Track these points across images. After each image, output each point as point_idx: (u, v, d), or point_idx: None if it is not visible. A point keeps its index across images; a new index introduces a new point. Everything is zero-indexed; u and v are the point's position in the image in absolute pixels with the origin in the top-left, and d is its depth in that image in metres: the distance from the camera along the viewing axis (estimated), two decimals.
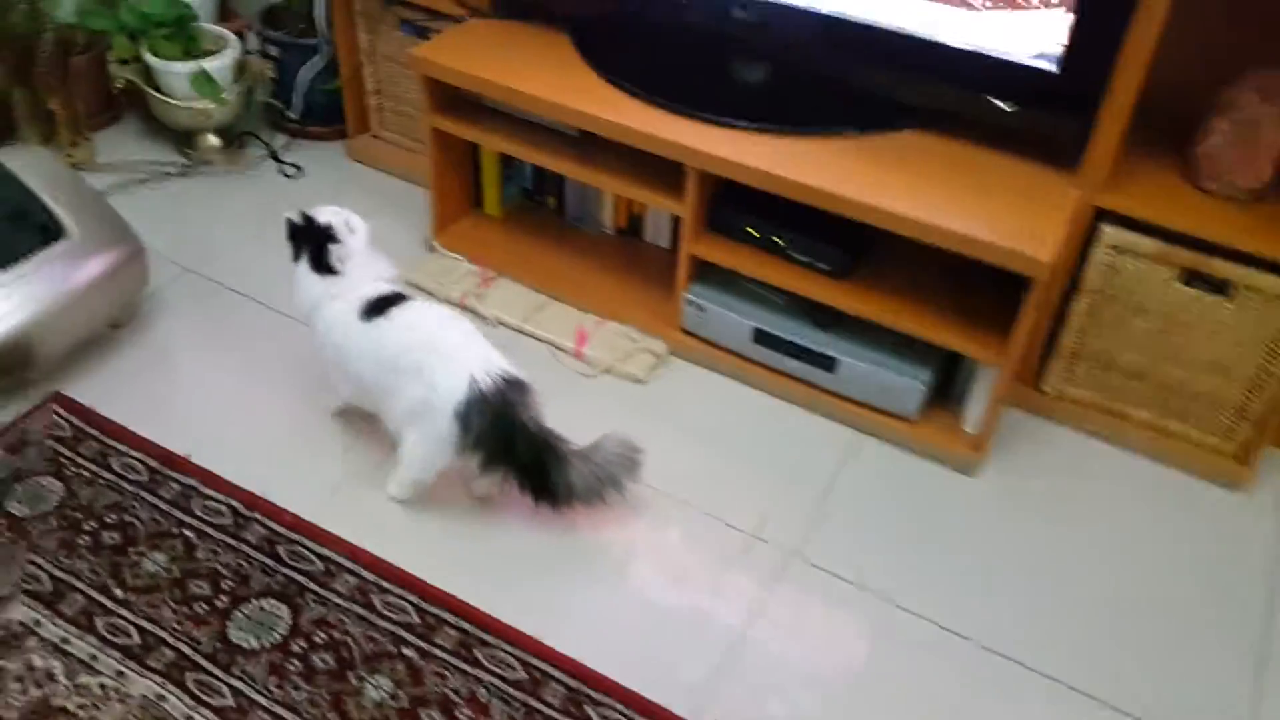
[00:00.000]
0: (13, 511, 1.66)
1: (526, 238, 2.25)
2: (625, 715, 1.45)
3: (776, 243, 1.89)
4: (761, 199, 1.84)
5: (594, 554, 1.68)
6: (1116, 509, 1.82)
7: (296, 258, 1.72)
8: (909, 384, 1.84)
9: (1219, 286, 1.73)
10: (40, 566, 1.59)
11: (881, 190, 1.72)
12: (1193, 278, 1.75)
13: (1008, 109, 1.73)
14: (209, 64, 2.25)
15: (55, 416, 1.82)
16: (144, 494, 1.71)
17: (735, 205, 1.91)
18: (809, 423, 1.93)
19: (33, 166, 1.88)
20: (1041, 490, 1.84)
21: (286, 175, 2.40)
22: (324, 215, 1.70)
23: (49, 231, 1.82)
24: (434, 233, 2.22)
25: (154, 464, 1.75)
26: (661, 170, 1.90)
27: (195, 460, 1.76)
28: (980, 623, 1.61)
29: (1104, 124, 1.65)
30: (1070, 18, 1.63)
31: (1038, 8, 1.66)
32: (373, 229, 1.73)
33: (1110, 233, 1.76)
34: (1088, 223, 1.75)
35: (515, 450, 1.58)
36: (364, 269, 1.70)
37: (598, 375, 1.98)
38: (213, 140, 2.40)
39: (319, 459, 1.79)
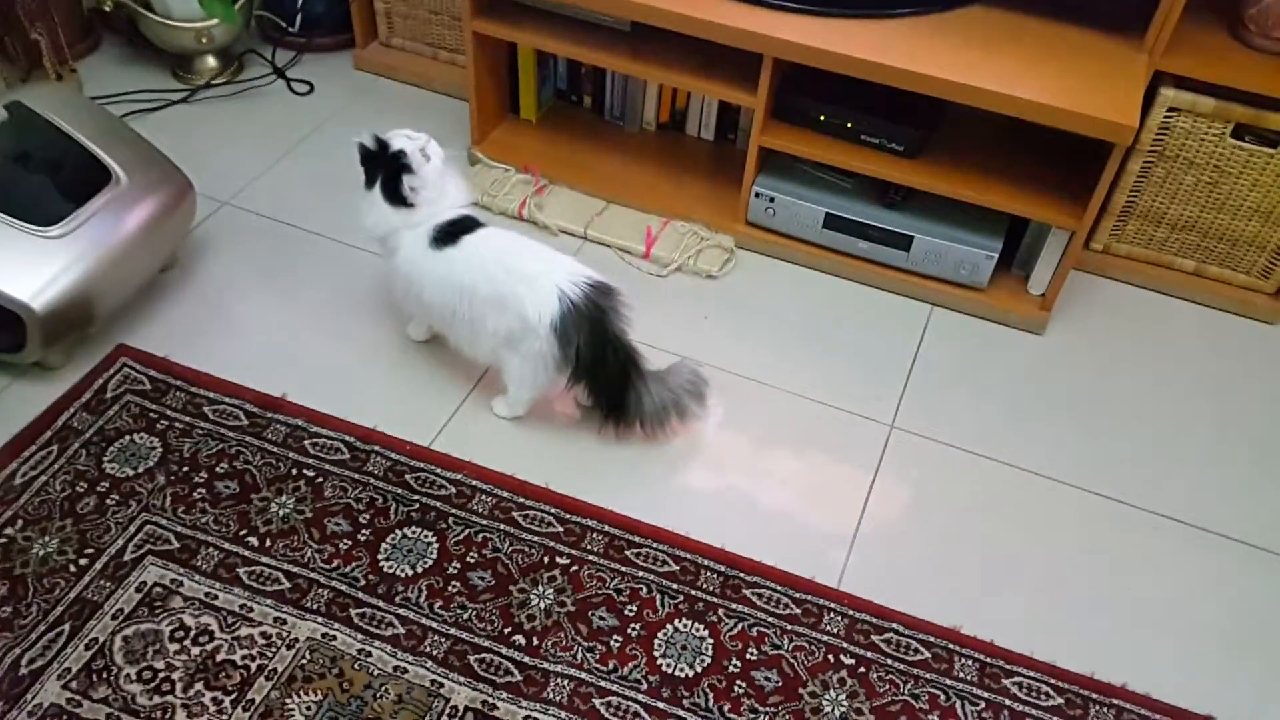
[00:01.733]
0: (112, 473, 1.57)
1: (568, 140, 2.17)
2: (779, 591, 1.49)
3: (847, 127, 1.88)
4: (827, 84, 1.81)
5: (706, 448, 1.69)
6: (1172, 350, 1.91)
7: (370, 185, 1.62)
8: (980, 255, 1.87)
9: (1269, 139, 1.80)
10: (161, 526, 1.52)
11: (960, 66, 1.71)
12: (1242, 131, 1.81)
13: None
14: None
15: (129, 370, 1.71)
16: (250, 439, 1.63)
17: (803, 93, 1.88)
18: (884, 301, 1.95)
19: (61, 107, 1.72)
20: (1104, 340, 1.91)
21: (296, 93, 2.25)
22: (398, 141, 1.59)
23: (95, 177, 1.67)
24: (475, 142, 2.13)
25: (252, 408, 1.67)
26: (725, 60, 1.85)
27: (293, 400, 1.69)
28: (1060, 463, 1.69)
29: None
30: None
31: None
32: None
33: (1169, 95, 1.79)
34: (1146, 85, 1.78)
35: (605, 360, 1.56)
36: (440, 198, 1.62)
37: (669, 274, 1.96)
38: (211, 62, 2.23)
39: (418, 385, 1.73)
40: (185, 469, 1.58)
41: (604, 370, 1.57)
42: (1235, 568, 1.58)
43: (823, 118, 1.89)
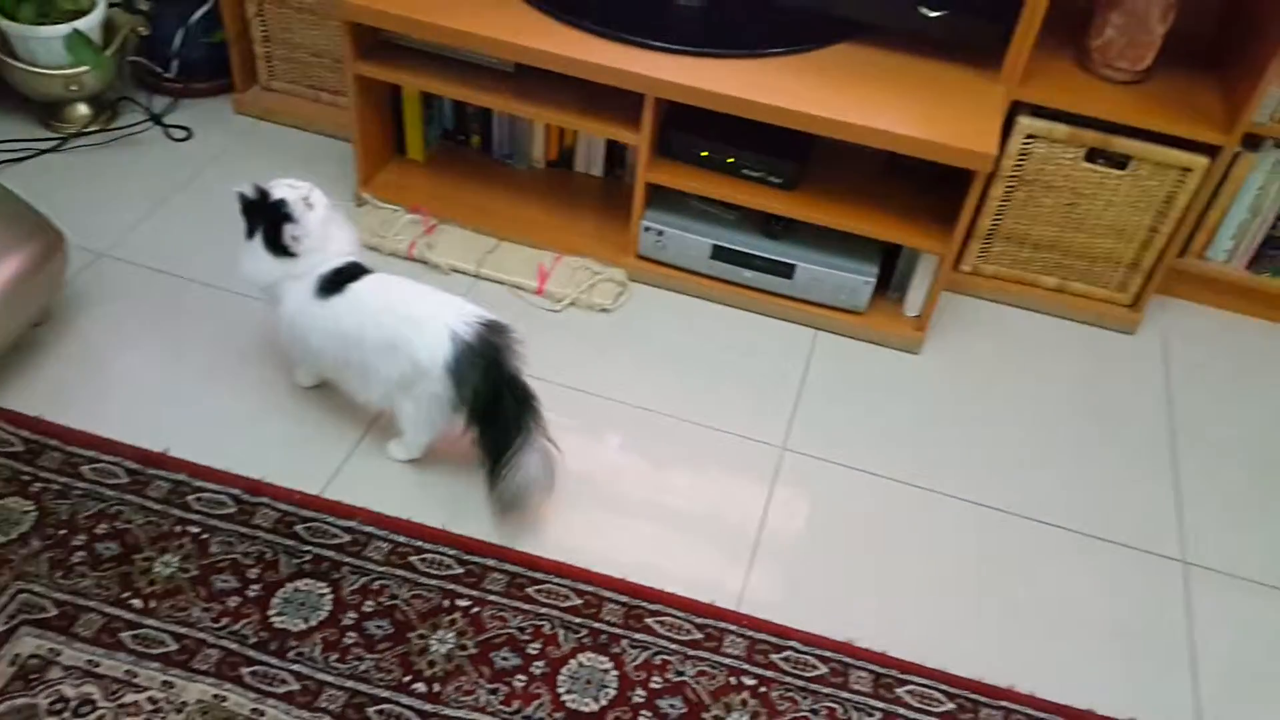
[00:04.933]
0: None
1: (456, 179, 2.13)
2: (680, 618, 1.46)
3: (728, 162, 1.88)
4: (708, 122, 1.82)
5: (604, 479, 1.66)
6: (1041, 364, 1.96)
7: (251, 234, 1.55)
8: (858, 280, 1.90)
9: (1118, 161, 1.87)
10: (37, 594, 1.41)
11: (830, 102, 1.74)
12: (1094, 155, 1.88)
13: (933, 15, 1.77)
14: (82, 24, 1.96)
15: (0, 432, 1.60)
16: (130, 497, 1.53)
17: (684, 130, 1.88)
18: (772, 327, 1.95)
19: None
20: (977, 358, 1.95)
21: (174, 139, 2.15)
22: (279, 190, 1.53)
23: None
24: (361, 184, 2.07)
25: (132, 465, 1.57)
26: (609, 99, 1.84)
27: (175, 454, 1.60)
28: (944, 476, 1.72)
29: (1022, 26, 1.73)
30: None
31: None
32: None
33: (1026, 123, 1.85)
34: (1004, 115, 1.84)
35: (503, 397, 1.50)
36: (324, 246, 1.55)
37: (563, 310, 1.93)
38: (83, 110, 2.12)
39: (308, 433, 1.66)
40: (62, 532, 1.48)
41: (501, 409, 1.53)
42: (1112, 567, 1.62)
43: (705, 154, 1.89)
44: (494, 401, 1.50)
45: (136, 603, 1.41)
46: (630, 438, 1.72)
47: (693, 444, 1.73)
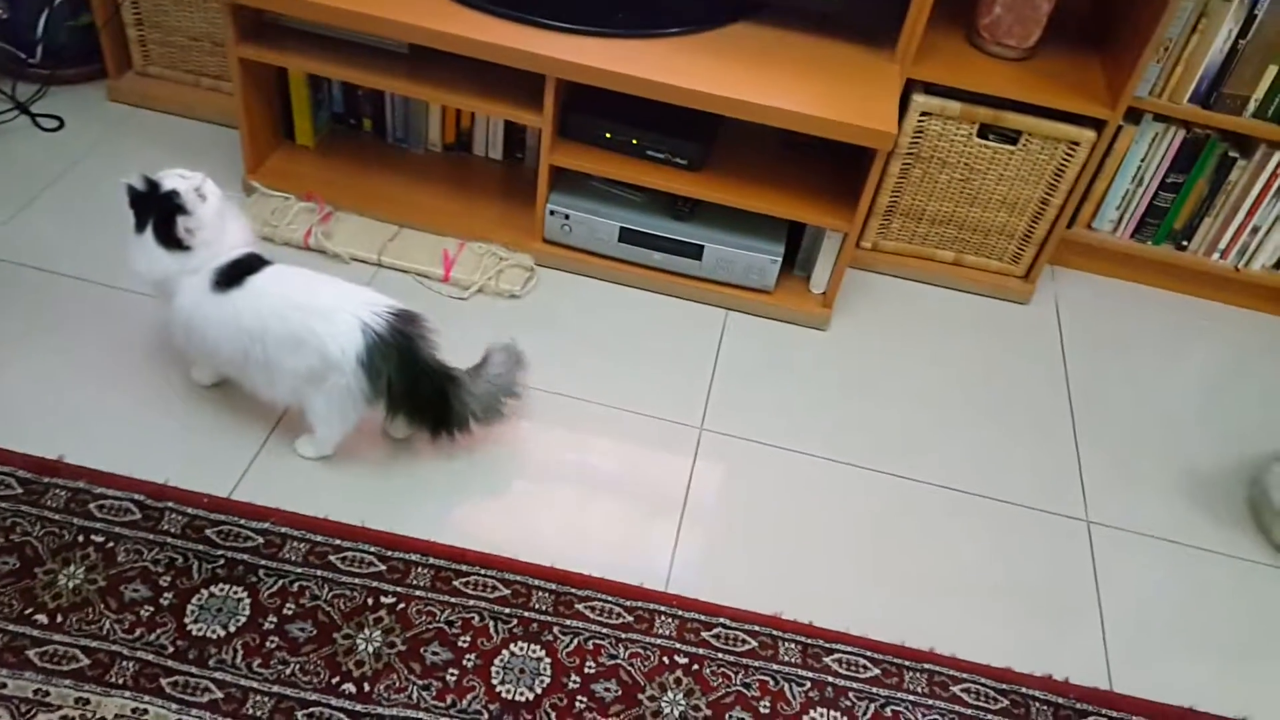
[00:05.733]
0: None
1: (350, 165, 2.12)
2: (610, 601, 1.51)
3: (633, 144, 1.93)
4: (611, 103, 1.86)
5: (525, 468, 1.69)
6: (938, 336, 2.08)
7: (140, 228, 1.52)
8: (766, 260, 1.97)
9: (1009, 136, 1.99)
10: None
11: (731, 82, 1.80)
12: (986, 131, 1.99)
13: None
14: None
15: None
16: (26, 508, 1.50)
17: (587, 111, 1.92)
18: (683, 309, 2.02)
19: None
20: (880, 331, 2.06)
21: (44, 129, 2.08)
22: (170, 181, 1.50)
23: None
24: (249, 172, 2.04)
25: (25, 474, 1.53)
26: (508, 81, 1.86)
27: (71, 461, 1.56)
28: (856, 448, 1.81)
29: (915, 5, 1.82)
30: None
31: None
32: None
33: (921, 100, 1.95)
34: (900, 93, 1.94)
35: (419, 386, 1.54)
36: (219, 239, 1.54)
37: (470, 296, 1.95)
38: None
39: (211, 433, 1.65)
40: None
41: (420, 397, 1.55)
42: (1020, 530, 1.74)
43: (609, 135, 1.93)
44: (412, 391, 1.52)
45: (41, 618, 1.38)
46: (547, 425, 1.76)
47: (612, 429, 1.78)
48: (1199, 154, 2.07)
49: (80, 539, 1.48)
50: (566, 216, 1.98)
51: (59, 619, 1.39)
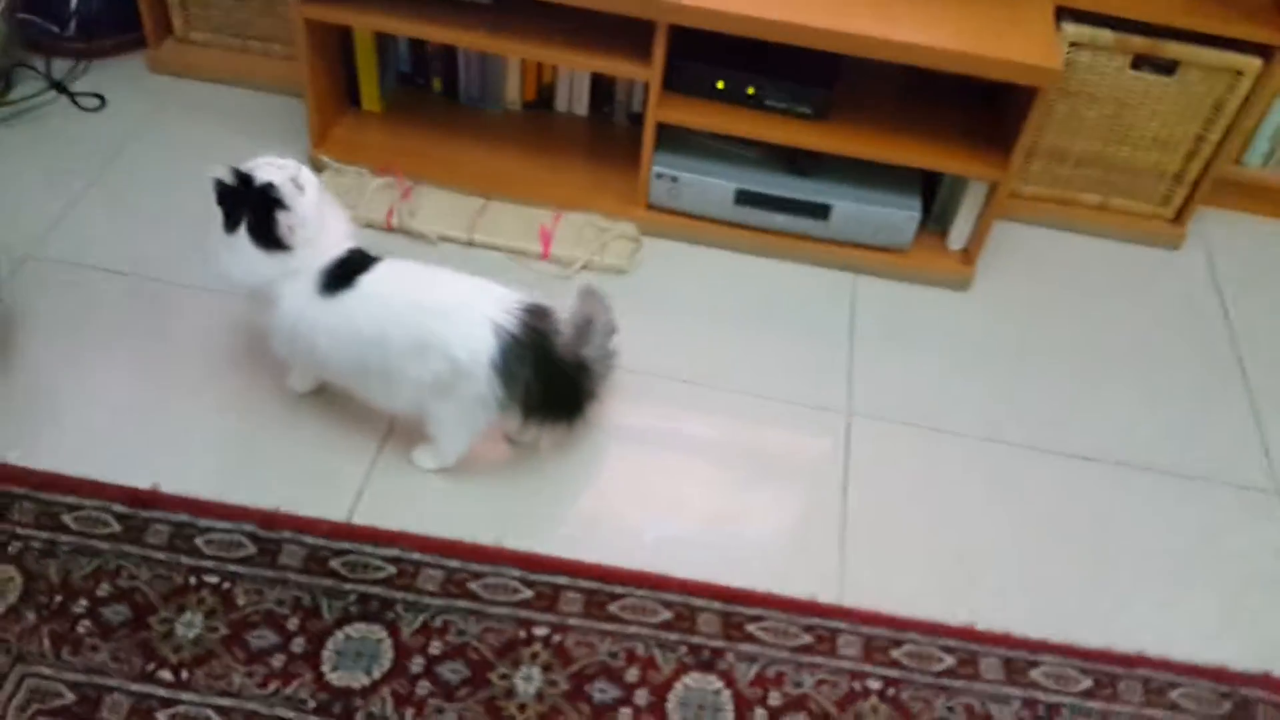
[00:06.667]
0: None
1: (421, 131, 1.97)
2: (784, 621, 1.40)
3: (748, 94, 1.78)
4: (720, 49, 1.71)
5: (656, 463, 1.58)
6: (1086, 289, 1.95)
7: (232, 227, 1.38)
8: (903, 216, 1.83)
9: (1166, 67, 1.83)
10: (45, 677, 1.27)
11: (869, 18, 1.65)
12: (1140, 62, 1.84)
13: None
14: None
15: None
16: (128, 548, 1.39)
17: (695, 60, 1.77)
18: (807, 276, 1.88)
19: None
20: (1025, 289, 1.92)
21: (85, 108, 1.93)
22: (264, 172, 1.37)
23: None
24: (314, 144, 1.89)
25: (121, 508, 1.42)
26: (600, 28, 1.71)
27: (167, 490, 1.45)
28: (1018, 426, 1.69)
29: None
30: None
31: None
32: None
33: (1070, 30, 1.80)
34: (1053, 21, 1.78)
35: (557, 385, 1.43)
36: (320, 235, 1.40)
37: (574, 275, 1.82)
38: None
39: (316, 448, 1.53)
40: (58, 598, 1.33)
41: (558, 396, 1.44)
42: (1204, 505, 1.62)
43: (721, 85, 1.78)
44: (551, 393, 1.41)
45: (165, 675, 1.28)
46: (677, 416, 1.64)
47: (748, 417, 1.66)
48: None
49: (192, 581, 1.37)
50: (675, 179, 1.84)
51: (183, 675, 1.29)
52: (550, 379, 1.40)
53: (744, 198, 1.84)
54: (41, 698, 1.25)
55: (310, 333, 1.41)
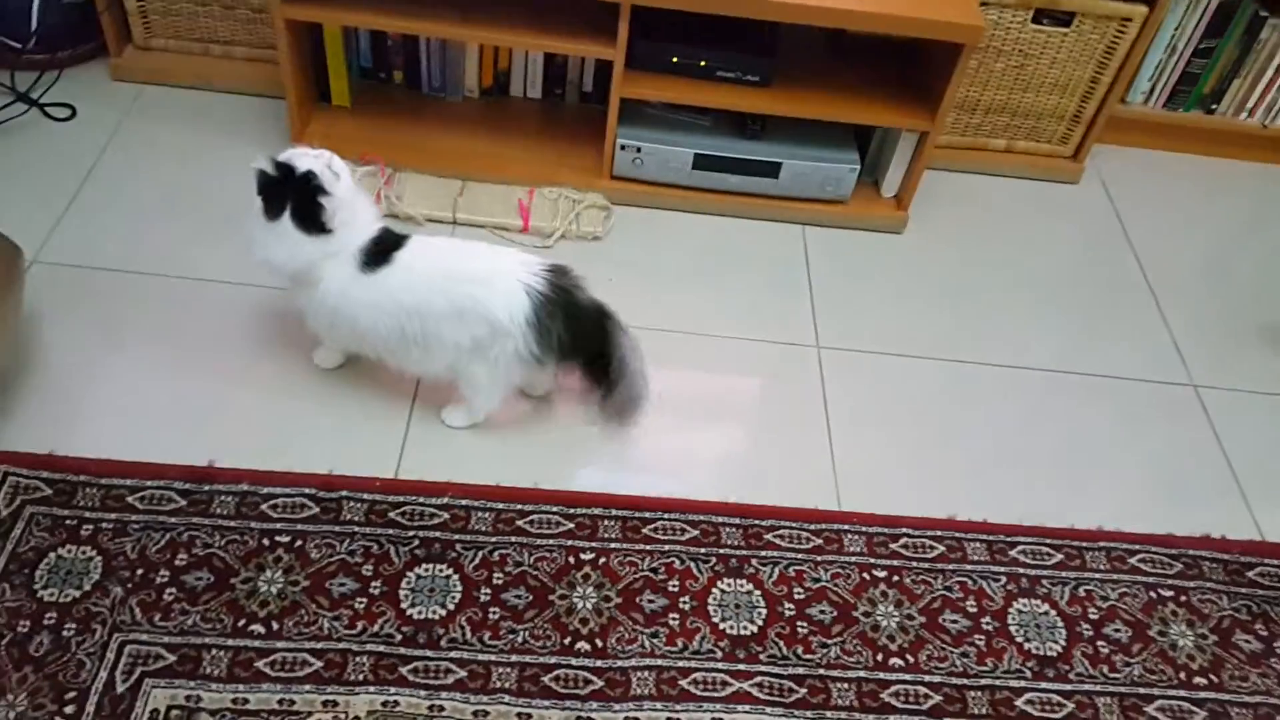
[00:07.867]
0: (53, 600, 1.44)
1: (390, 121, 2.14)
2: (796, 528, 1.65)
3: (700, 65, 2.02)
4: (672, 26, 1.95)
5: (662, 406, 1.77)
6: (1002, 223, 2.27)
7: (274, 215, 1.55)
8: (844, 169, 2.11)
9: (1063, 20, 2.16)
10: (143, 642, 1.42)
11: None
12: (1041, 15, 2.15)
13: None
14: None
15: (16, 478, 1.55)
16: (198, 519, 1.54)
17: (651, 38, 2.00)
18: (762, 230, 2.14)
19: None
20: (950, 228, 2.23)
21: (56, 119, 2.03)
22: (304, 161, 1.54)
23: None
24: (295, 139, 2.05)
25: (184, 485, 1.57)
26: (559, 12, 1.92)
27: (223, 464, 1.61)
28: (966, 346, 1.99)
29: None
30: None
31: None
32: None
33: None
34: None
35: (585, 331, 1.62)
36: (355, 217, 1.58)
37: (553, 243, 2.03)
38: None
39: (352, 416, 1.70)
40: (140, 571, 1.48)
41: (588, 340, 1.63)
42: (1134, 402, 1.95)
43: (676, 60, 2.02)
44: (580, 339, 1.62)
45: (258, 628, 1.45)
46: (671, 363, 1.86)
47: (732, 357, 1.90)
48: (1232, 17, 2.29)
49: (265, 542, 1.54)
50: (639, 150, 2.07)
51: (275, 626, 1.46)
52: (577, 329, 1.61)
53: (701, 162, 2.08)
54: (143, 660, 1.40)
55: (353, 308, 1.59)
